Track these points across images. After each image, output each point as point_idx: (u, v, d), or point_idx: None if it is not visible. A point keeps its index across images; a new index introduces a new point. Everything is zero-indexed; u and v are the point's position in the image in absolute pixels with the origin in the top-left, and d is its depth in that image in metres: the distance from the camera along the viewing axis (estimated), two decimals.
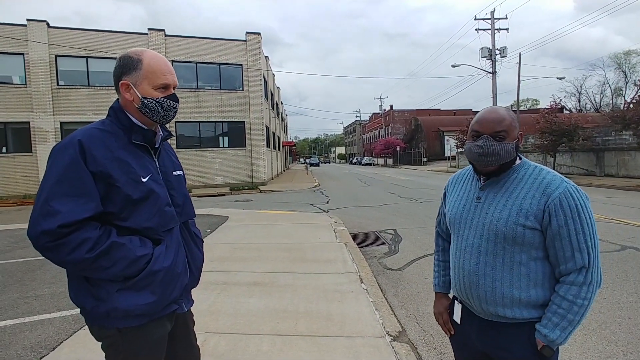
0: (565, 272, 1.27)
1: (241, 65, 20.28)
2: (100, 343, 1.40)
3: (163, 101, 1.39)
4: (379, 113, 66.73)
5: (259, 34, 20.69)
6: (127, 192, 1.30)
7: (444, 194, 1.63)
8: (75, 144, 1.26)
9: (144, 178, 1.35)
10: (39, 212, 1.21)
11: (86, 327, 3.24)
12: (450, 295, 1.62)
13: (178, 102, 1.46)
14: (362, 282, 4.26)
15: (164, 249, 1.38)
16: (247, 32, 20.39)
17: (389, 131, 61.23)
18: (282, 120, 43.07)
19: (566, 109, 41.85)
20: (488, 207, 1.35)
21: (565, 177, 1.34)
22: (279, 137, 33.82)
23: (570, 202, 1.24)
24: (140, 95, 1.36)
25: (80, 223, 1.22)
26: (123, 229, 1.32)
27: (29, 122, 17.46)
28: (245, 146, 20.67)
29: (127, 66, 1.37)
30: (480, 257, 1.35)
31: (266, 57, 24.43)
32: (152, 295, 1.34)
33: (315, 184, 20.88)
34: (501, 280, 1.31)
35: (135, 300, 1.31)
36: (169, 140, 1.61)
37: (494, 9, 25.14)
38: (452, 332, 1.57)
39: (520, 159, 1.39)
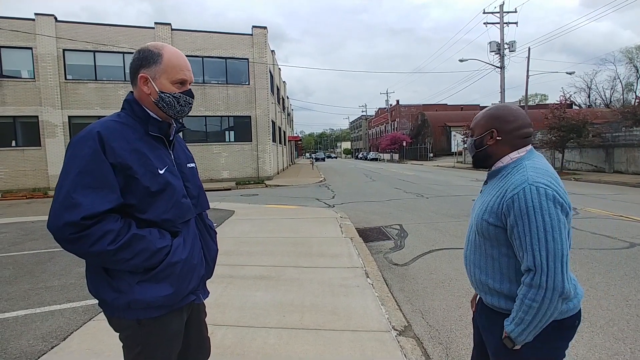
0: (523, 270, 1.27)
1: (247, 59, 20.25)
2: (116, 334, 1.42)
3: (180, 96, 1.40)
4: (385, 108, 66.36)
5: (265, 28, 20.62)
6: (145, 184, 1.30)
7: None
8: (95, 135, 1.26)
9: (161, 170, 1.36)
10: (61, 203, 1.20)
11: (95, 318, 3.32)
12: None
13: (193, 98, 1.47)
14: (367, 276, 4.27)
15: (182, 240, 1.39)
16: (254, 26, 20.34)
17: (395, 126, 60.93)
18: (288, 114, 43.05)
19: (575, 105, 41.29)
20: (478, 202, 1.49)
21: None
22: (284, 132, 33.82)
23: (522, 202, 1.22)
24: (158, 89, 1.37)
25: (102, 215, 1.22)
26: (141, 221, 1.33)
27: (37, 116, 17.64)
28: (251, 141, 20.72)
29: (147, 59, 1.37)
30: (469, 245, 1.49)
31: (272, 51, 24.37)
32: (170, 287, 1.35)
33: (321, 178, 20.86)
34: (480, 269, 1.42)
35: (155, 292, 1.32)
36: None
37: (503, 2, 24.76)
38: (474, 310, 1.64)
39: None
